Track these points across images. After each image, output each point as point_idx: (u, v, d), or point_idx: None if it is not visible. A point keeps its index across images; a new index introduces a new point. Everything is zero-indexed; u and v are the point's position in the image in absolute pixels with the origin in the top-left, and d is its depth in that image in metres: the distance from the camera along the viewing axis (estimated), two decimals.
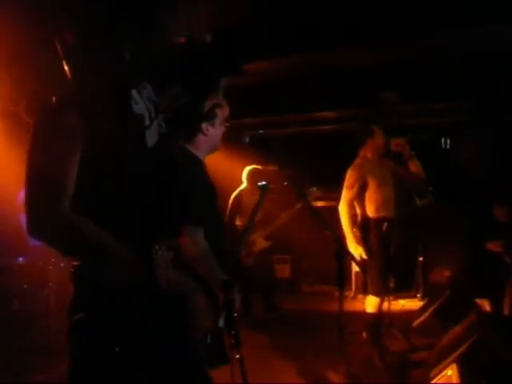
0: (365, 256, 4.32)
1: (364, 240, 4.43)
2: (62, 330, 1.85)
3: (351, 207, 4.51)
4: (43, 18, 1.48)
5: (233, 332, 2.42)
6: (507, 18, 4.31)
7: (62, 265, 4.93)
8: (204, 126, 2.69)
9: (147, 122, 1.59)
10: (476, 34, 4.75)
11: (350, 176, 4.54)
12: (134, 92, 1.58)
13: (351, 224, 4.43)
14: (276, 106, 7.05)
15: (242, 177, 6.24)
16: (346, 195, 4.52)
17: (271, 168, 6.13)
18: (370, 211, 4.50)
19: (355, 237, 4.40)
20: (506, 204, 6.36)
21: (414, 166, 4.64)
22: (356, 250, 4.37)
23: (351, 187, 4.49)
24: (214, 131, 2.73)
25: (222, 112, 2.79)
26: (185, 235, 2.46)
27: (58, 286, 4.95)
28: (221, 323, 2.52)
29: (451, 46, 5.11)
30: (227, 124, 2.81)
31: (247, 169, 6.20)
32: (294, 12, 4.34)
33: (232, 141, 2.91)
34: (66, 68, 1.41)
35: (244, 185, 6.22)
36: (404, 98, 6.52)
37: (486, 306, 5.73)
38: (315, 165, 7.67)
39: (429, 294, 6.06)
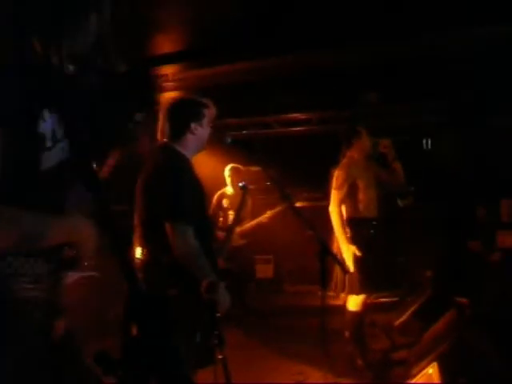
0: (358, 253, 4.31)
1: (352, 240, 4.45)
2: None
3: (341, 208, 4.51)
4: None
5: (216, 332, 2.42)
6: (490, 20, 4.36)
7: None
8: (193, 125, 2.70)
9: (49, 144, 1.44)
10: (459, 35, 4.80)
11: (338, 177, 4.53)
12: (45, 111, 1.42)
13: (343, 225, 4.43)
14: (259, 107, 7.07)
15: (225, 176, 6.29)
16: (335, 196, 4.51)
17: (254, 168, 6.16)
18: (357, 212, 4.51)
19: (347, 237, 4.39)
20: (485, 204, 6.46)
21: (397, 169, 4.68)
22: (348, 250, 4.35)
23: (341, 188, 4.48)
24: (201, 131, 2.74)
25: (209, 112, 2.81)
26: (175, 233, 2.46)
27: None
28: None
29: (433, 47, 5.16)
30: (211, 124, 2.83)
31: (227, 167, 6.25)
32: (277, 12, 4.35)
33: (215, 141, 2.92)
34: None
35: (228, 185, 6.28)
36: (385, 99, 6.57)
37: (466, 304, 5.82)
38: (298, 165, 7.71)
39: (410, 294, 6.11)
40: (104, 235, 1.35)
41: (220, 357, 2.42)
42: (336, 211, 4.45)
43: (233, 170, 6.25)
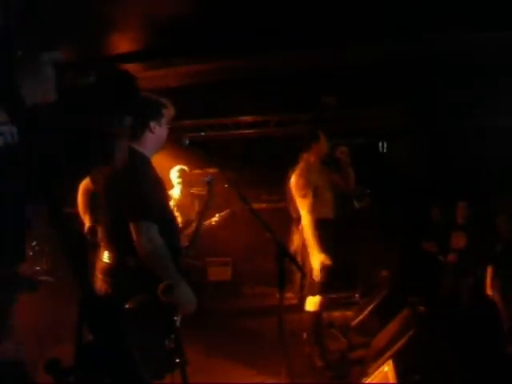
0: (328, 261, 4.27)
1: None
2: None
3: (311, 213, 4.46)
4: None
5: (173, 336, 2.39)
6: (450, 24, 4.45)
7: None
8: (152, 124, 2.67)
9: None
10: (419, 39, 4.89)
11: (299, 184, 4.49)
12: None
13: (317, 231, 4.36)
14: (217, 108, 7.05)
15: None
16: (304, 204, 4.45)
17: (212, 170, 6.11)
18: (316, 214, 4.51)
19: (319, 244, 4.33)
20: (440, 206, 6.61)
21: (350, 174, 4.74)
22: (317, 258, 4.31)
23: (306, 196, 4.45)
24: (160, 130, 2.73)
25: (168, 112, 2.79)
26: (139, 232, 2.42)
27: None
28: (178, 323, 2.50)
29: (392, 51, 5.25)
30: (169, 125, 2.80)
31: (175, 169, 6.05)
32: (238, 13, 4.34)
33: (172, 143, 2.89)
34: None
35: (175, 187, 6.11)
36: (344, 103, 6.65)
37: (421, 304, 5.94)
38: (256, 167, 7.73)
39: (367, 294, 6.19)
40: (56, 237, 1.32)
41: (177, 360, 2.40)
42: (308, 219, 4.38)
43: (181, 171, 6.09)
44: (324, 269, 4.30)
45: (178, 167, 6.06)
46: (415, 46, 5.03)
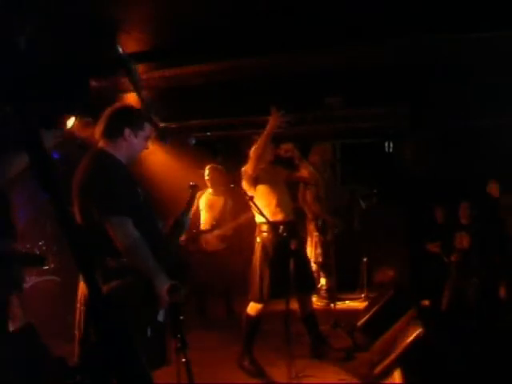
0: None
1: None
2: None
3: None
4: None
5: (179, 335, 2.41)
6: (452, 27, 4.45)
7: None
8: (127, 131, 2.65)
9: None
10: (422, 41, 4.88)
11: (245, 183, 4.50)
12: None
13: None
14: (224, 108, 7.05)
15: (195, 178, 6.08)
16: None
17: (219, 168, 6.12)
18: (270, 215, 4.46)
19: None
20: (443, 206, 6.60)
21: (305, 169, 4.72)
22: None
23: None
24: (135, 141, 2.69)
25: (150, 129, 2.77)
26: (113, 227, 2.43)
27: None
28: (160, 317, 2.50)
29: (396, 52, 5.25)
30: (146, 145, 2.78)
31: (206, 167, 6.04)
32: (242, 14, 4.35)
33: (179, 142, 2.90)
34: None
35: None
36: (348, 103, 6.65)
37: (426, 304, 5.94)
38: None
39: (373, 294, 6.19)
40: (63, 237, 1.32)
41: (183, 360, 2.42)
42: None
43: (210, 169, 6.07)
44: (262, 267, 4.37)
45: (208, 166, 6.02)
46: (417, 47, 5.02)
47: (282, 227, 4.34)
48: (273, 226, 4.33)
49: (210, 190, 6.11)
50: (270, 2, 4.07)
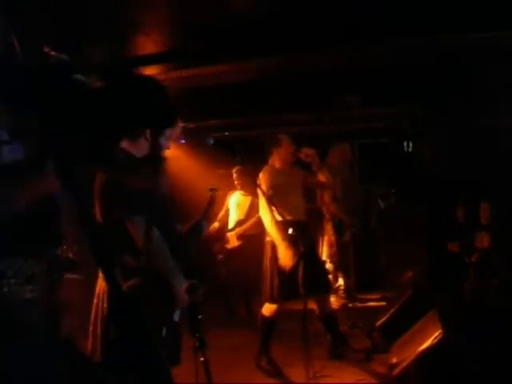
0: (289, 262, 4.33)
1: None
2: None
3: (270, 213, 4.45)
4: None
5: (197, 335, 2.42)
6: (469, 25, 4.39)
7: None
8: (148, 131, 2.62)
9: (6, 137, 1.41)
10: (436, 40, 4.84)
11: (261, 186, 4.45)
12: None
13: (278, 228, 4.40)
14: (241, 108, 7.06)
15: (210, 179, 6.14)
16: (263, 204, 4.50)
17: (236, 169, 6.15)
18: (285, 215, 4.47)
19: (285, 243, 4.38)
20: (464, 205, 6.54)
21: (323, 176, 4.71)
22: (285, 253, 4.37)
23: (267, 196, 4.42)
24: (156, 141, 2.64)
25: (172, 132, 2.75)
26: (134, 226, 2.44)
27: None
28: (176, 317, 2.51)
29: (412, 51, 5.20)
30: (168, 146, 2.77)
31: (233, 171, 6.16)
32: (263, 13, 4.33)
33: (197, 142, 2.90)
34: None
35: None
36: (366, 103, 6.61)
37: (447, 304, 5.88)
38: None
39: (391, 294, 6.15)
40: (85, 236, 1.34)
41: (202, 359, 2.42)
42: (268, 218, 4.43)
43: (237, 171, 6.16)
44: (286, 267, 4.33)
45: (234, 169, 6.11)
46: (434, 47, 4.97)
47: (291, 227, 4.31)
48: (282, 225, 4.33)
49: (240, 191, 6.24)
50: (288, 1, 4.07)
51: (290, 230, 4.23)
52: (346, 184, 6.77)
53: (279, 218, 4.37)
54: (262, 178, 4.55)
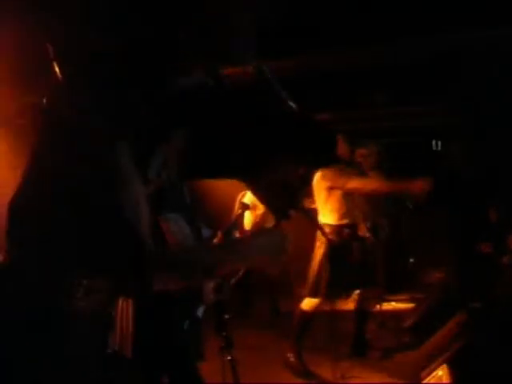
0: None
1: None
2: None
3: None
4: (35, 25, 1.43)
5: (224, 334, 2.43)
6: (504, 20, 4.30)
7: None
8: None
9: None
10: (474, 38, 4.74)
11: (315, 187, 4.60)
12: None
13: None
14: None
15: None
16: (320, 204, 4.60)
17: None
18: (332, 219, 4.55)
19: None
20: (496, 205, 6.42)
21: (373, 177, 4.67)
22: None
23: (318, 195, 4.59)
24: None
25: None
26: (166, 222, 2.48)
27: None
28: (199, 313, 2.53)
29: (443, 50, 5.11)
30: None
31: None
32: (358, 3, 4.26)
33: None
34: (56, 69, 1.38)
35: None
36: (393, 101, 6.53)
37: (478, 307, 5.78)
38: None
39: (420, 295, 6.09)
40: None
41: (228, 358, 2.43)
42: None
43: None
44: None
45: None
46: (471, 45, 4.87)
47: (346, 230, 4.52)
48: (337, 228, 4.50)
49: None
50: None
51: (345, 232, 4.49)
52: None
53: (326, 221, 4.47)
54: (315, 180, 4.60)
